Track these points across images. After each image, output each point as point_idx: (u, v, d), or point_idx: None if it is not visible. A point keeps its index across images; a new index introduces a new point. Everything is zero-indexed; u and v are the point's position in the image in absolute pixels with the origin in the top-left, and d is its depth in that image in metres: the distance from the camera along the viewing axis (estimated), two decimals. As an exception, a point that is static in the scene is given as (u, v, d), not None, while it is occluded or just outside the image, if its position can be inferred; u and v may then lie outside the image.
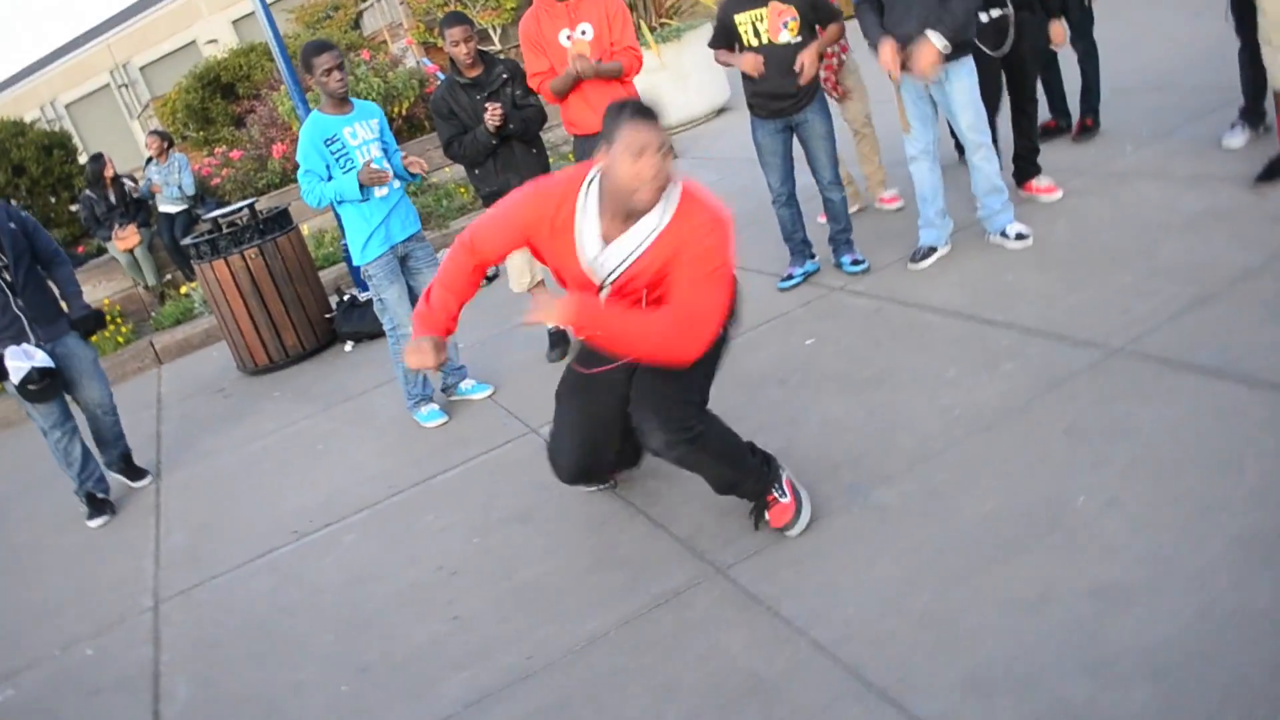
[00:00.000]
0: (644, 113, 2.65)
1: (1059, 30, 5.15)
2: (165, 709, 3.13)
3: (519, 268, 5.05)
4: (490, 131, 4.60)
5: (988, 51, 4.72)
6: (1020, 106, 5.08)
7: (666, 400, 2.92)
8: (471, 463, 4.22)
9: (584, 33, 4.70)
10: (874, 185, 5.75)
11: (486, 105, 4.61)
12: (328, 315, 6.70)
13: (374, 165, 4.41)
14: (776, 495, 3.05)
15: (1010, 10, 4.74)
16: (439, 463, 4.31)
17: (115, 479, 5.07)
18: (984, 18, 4.69)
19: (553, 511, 3.57)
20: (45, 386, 4.52)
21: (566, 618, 2.95)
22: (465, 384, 4.92)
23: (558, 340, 5.04)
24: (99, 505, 4.85)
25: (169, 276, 9.71)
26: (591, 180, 2.79)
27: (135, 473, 5.12)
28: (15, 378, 4.46)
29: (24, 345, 4.50)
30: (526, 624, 2.98)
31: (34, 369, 4.46)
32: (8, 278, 4.47)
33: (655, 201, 2.71)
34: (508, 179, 4.64)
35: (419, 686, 2.86)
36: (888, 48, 4.28)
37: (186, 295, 8.59)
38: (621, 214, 2.75)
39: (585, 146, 4.67)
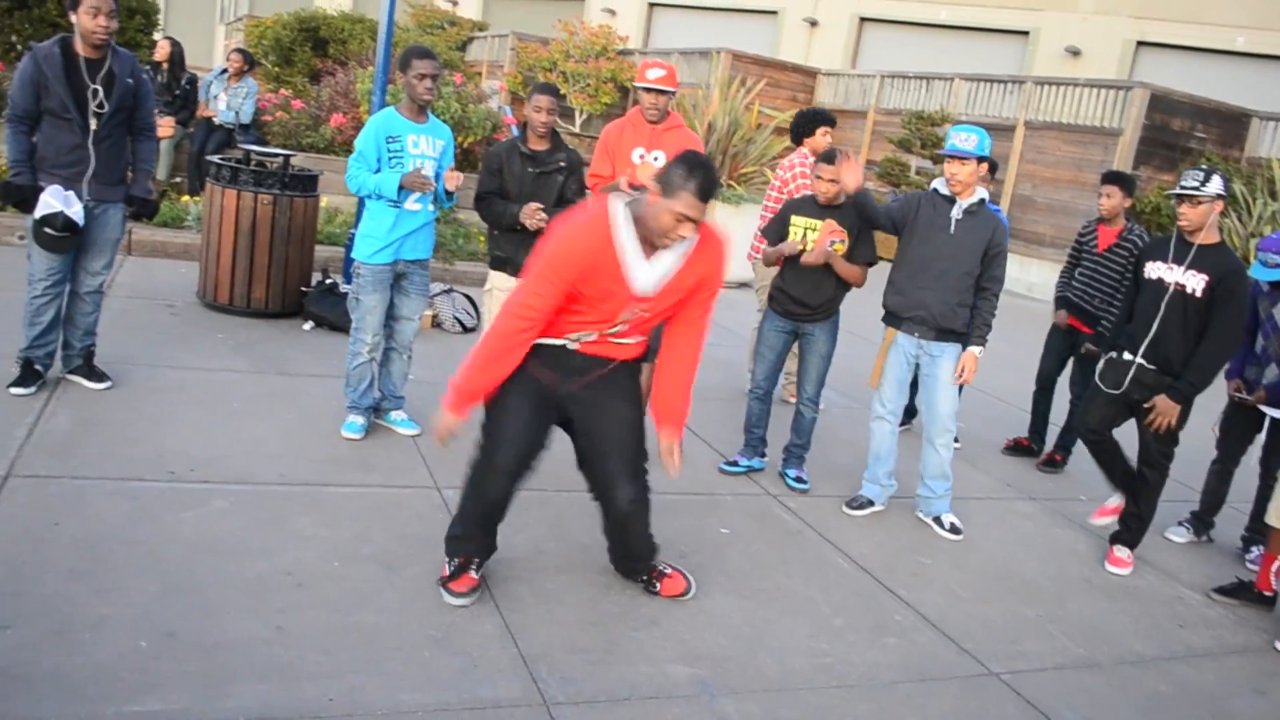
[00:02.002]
0: (706, 192, 2.95)
1: (1263, 396, 4.73)
2: (-38, 581, 3.01)
3: None
4: (519, 221, 4.58)
5: (1101, 386, 4.55)
6: (1139, 468, 4.63)
7: (634, 454, 3.39)
8: (366, 489, 4.17)
9: (656, 159, 4.89)
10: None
11: (531, 205, 4.58)
12: (303, 289, 6.68)
13: (424, 172, 4.46)
14: (662, 570, 3.61)
15: (1141, 360, 4.41)
16: (336, 474, 4.26)
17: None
18: (1128, 356, 4.47)
19: (419, 572, 3.51)
20: (61, 238, 4.36)
21: (383, 678, 2.88)
22: (397, 414, 4.89)
23: None
24: (32, 376, 4.58)
25: (178, 179, 9.68)
26: (621, 209, 3.06)
27: (96, 375, 4.79)
28: (39, 212, 4.29)
29: (71, 191, 4.37)
30: (343, 665, 2.91)
31: (64, 214, 4.32)
32: (95, 125, 4.36)
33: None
34: (517, 252, 4.71)
35: (213, 677, 2.76)
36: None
37: (184, 206, 8.54)
38: (650, 241, 3.10)
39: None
